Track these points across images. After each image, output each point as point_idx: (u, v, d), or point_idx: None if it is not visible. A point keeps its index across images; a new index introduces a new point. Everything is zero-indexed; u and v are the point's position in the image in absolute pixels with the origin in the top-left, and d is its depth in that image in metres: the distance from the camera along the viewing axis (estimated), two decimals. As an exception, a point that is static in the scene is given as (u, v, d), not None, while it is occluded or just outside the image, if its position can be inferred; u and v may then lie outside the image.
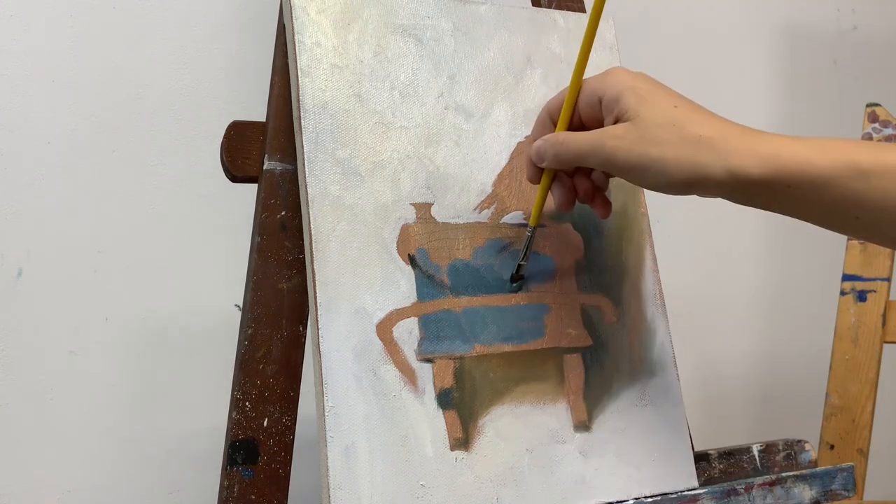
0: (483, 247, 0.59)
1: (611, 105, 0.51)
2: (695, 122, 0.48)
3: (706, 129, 0.48)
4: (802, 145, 0.47)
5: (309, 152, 0.55)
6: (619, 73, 0.52)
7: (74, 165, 0.79)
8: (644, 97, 0.50)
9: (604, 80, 0.52)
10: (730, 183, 0.47)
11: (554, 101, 0.55)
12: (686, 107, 0.49)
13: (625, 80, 0.51)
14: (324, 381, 0.51)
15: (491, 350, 0.57)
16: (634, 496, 0.58)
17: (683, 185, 0.48)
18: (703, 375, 1.17)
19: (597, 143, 0.50)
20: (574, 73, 0.53)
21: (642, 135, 0.49)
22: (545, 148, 0.54)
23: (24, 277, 0.77)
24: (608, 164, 0.51)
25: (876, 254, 0.98)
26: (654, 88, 0.51)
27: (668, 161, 0.48)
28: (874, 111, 1.03)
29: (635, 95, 0.50)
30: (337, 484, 0.50)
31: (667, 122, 0.48)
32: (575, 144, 0.52)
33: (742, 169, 0.47)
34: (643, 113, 0.49)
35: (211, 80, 0.84)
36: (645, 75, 0.52)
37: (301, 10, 0.56)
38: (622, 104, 0.50)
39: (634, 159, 0.49)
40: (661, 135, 0.48)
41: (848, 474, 0.65)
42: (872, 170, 0.45)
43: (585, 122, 0.54)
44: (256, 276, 0.54)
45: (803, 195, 0.47)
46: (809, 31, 1.25)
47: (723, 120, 0.49)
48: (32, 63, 0.77)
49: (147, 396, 0.81)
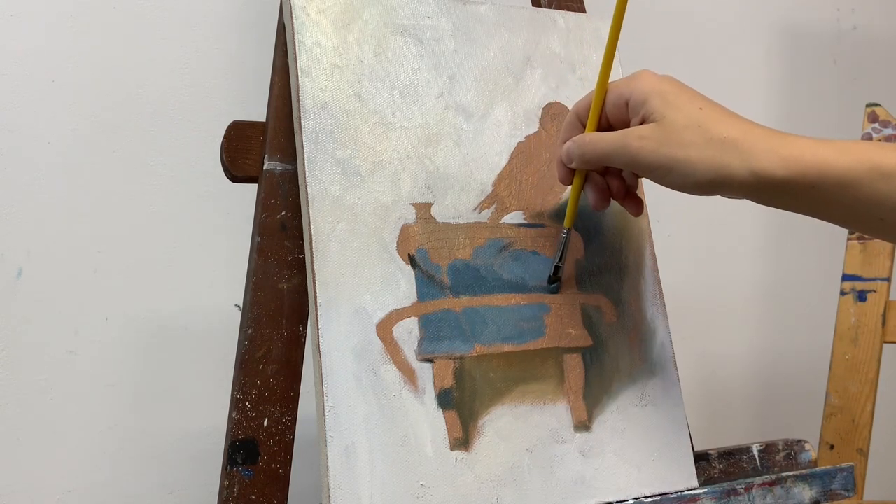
0: (483, 247, 0.59)
1: (637, 107, 0.52)
2: (720, 124, 0.49)
3: (731, 131, 0.49)
4: (826, 147, 0.47)
5: (309, 152, 0.55)
6: (646, 75, 0.53)
7: (74, 165, 0.79)
8: (669, 100, 0.51)
9: (630, 83, 0.53)
10: (753, 184, 0.48)
11: (582, 103, 0.56)
12: (711, 109, 0.50)
13: (651, 83, 0.52)
14: (324, 381, 0.51)
15: (491, 350, 0.57)
16: (634, 496, 0.58)
17: (707, 186, 0.49)
18: (703, 375, 1.18)
19: (622, 144, 0.52)
20: (600, 75, 0.54)
21: (668, 136, 0.50)
22: (573, 149, 0.55)
23: (24, 277, 0.77)
24: (633, 163, 0.52)
25: (876, 254, 0.98)
26: (679, 91, 0.51)
27: (693, 162, 0.49)
28: (874, 111, 1.03)
29: (661, 98, 0.51)
30: (337, 484, 0.50)
31: (692, 123, 0.49)
32: (601, 145, 0.53)
33: (766, 170, 0.47)
34: (669, 115, 0.50)
35: (211, 80, 0.84)
36: (671, 78, 0.53)
37: (301, 10, 0.56)
38: (648, 106, 0.51)
39: (659, 159, 0.50)
40: (687, 136, 0.49)
41: (848, 474, 0.65)
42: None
43: (612, 124, 0.55)
44: (256, 276, 0.54)
45: (826, 196, 0.47)
46: (809, 31, 1.25)
47: (747, 121, 0.50)
48: (32, 63, 0.77)
49: (147, 396, 0.81)
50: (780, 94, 1.24)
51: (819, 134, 0.50)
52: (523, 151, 0.62)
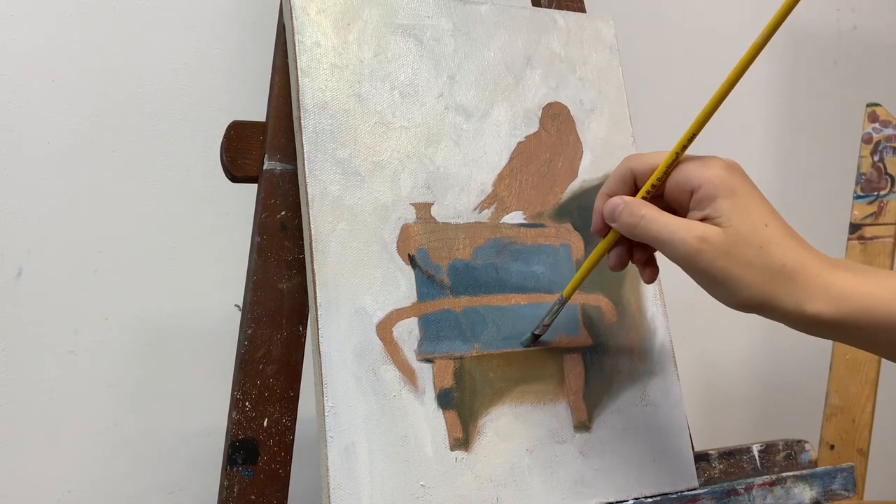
0: (483, 247, 0.59)
1: (703, 202, 0.49)
2: (779, 248, 0.48)
3: (788, 259, 0.47)
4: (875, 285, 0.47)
5: (309, 152, 0.55)
6: (717, 166, 0.49)
7: (74, 165, 0.79)
8: (741, 205, 0.48)
9: (702, 170, 0.49)
10: (799, 319, 0.47)
11: (641, 163, 0.52)
12: (774, 227, 0.48)
13: (723, 179, 0.49)
14: (324, 381, 0.51)
15: (491, 350, 0.57)
16: (634, 496, 0.58)
17: (749, 308, 0.48)
18: (703, 375, 1.18)
19: (680, 238, 0.48)
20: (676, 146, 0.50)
21: (729, 249, 0.47)
22: (623, 216, 0.51)
23: (24, 277, 0.77)
24: (684, 264, 0.49)
25: (876, 254, 0.98)
26: (750, 195, 0.49)
27: (746, 285, 0.47)
28: (874, 111, 1.03)
29: (732, 201, 0.48)
30: (337, 484, 0.50)
31: (755, 242, 0.47)
32: (655, 228, 0.49)
33: (814, 310, 0.47)
34: (735, 224, 0.48)
35: (211, 80, 0.84)
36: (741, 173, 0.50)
37: (301, 10, 0.56)
38: (717, 207, 0.48)
39: (714, 271, 0.48)
40: (748, 255, 0.47)
41: (848, 474, 0.65)
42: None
43: (668, 199, 0.52)
44: (256, 276, 0.54)
45: (871, 337, 0.47)
46: (809, 31, 1.25)
47: (805, 248, 0.48)
48: (32, 63, 0.77)
49: (147, 396, 0.81)
50: (780, 94, 1.24)
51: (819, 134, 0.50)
52: (523, 151, 0.62)
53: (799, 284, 0.47)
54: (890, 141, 1.01)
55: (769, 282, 0.47)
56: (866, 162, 1.02)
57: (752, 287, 0.47)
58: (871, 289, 0.47)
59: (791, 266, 0.47)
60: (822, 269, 0.47)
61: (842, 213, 1.06)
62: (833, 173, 1.22)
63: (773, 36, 0.47)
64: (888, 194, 1.00)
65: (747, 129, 1.21)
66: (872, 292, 0.47)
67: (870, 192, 1.01)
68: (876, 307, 0.46)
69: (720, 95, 0.49)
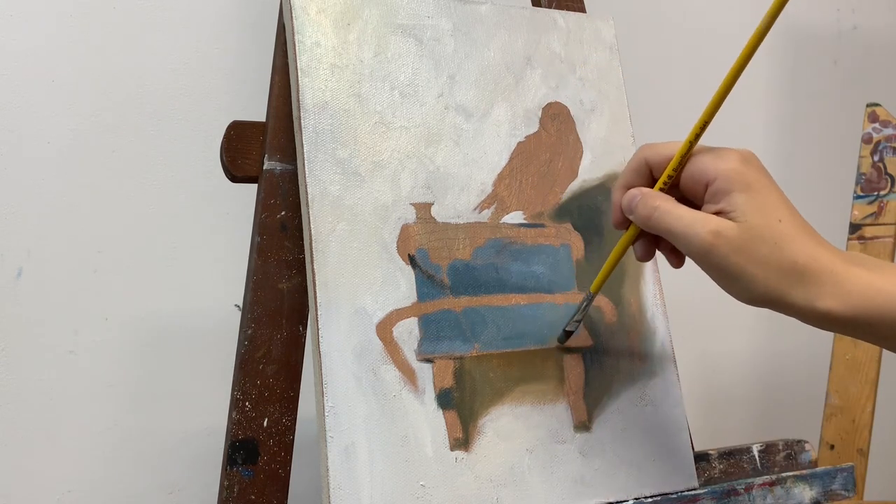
0: (483, 247, 0.59)
1: (718, 195, 0.49)
2: (793, 244, 0.47)
3: (801, 256, 0.47)
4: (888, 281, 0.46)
5: (309, 152, 0.55)
6: (733, 158, 0.49)
7: (74, 165, 0.79)
8: (757, 200, 0.48)
9: (717, 162, 0.49)
10: (811, 316, 0.47)
11: (655, 153, 0.52)
12: (789, 222, 0.48)
13: (739, 172, 0.49)
14: (324, 381, 0.51)
15: (491, 350, 0.57)
16: (634, 496, 0.58)
17: (761, 303, 0.48)
18: (703, 375, 1.18)
19: (694, 232, 0.48)
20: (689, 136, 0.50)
21: (744, 244, 0.47)
22: (639, 208, 0.51)
23: (24, 277, 0.77)
24: (698, 257, 0.49)
25: (876, 254, 0.98)
26: (766, 189, 0.49)
27: (759, 280, 0.47)
28: (874, 111, 1.03)
29: (747, 195, 0.48)
30: (337, 484, 0.50)
31: (770, 238, 0.47)
32: (669, 220, 0.49)
33: (825, 307, 0.47)
34: (750, 220, 0.47)
35: (211, 80, 0.84)
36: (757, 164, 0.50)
37: (301, 9, 0.56)
38: (732, 201, 0.48)
39: (728, 266, 0.48)
40: (762, 251, 0.47)
41: (848, 474, 0.65)
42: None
43: (683, 190, 0.52)
44: (256, 276, 0.54)
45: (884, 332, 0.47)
46: (809, 31, 1.25)
47: (819, 244, 0.48)
48: (32, 63, 0.77)
49: (147, 396, 0.81)
50: (780, 94, 1.24)
51: (819, 134, 0.50)
52: (523, 151, 0.62)
53: (811, 281, 0.47)
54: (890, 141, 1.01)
55: (782, 279, 0.47)
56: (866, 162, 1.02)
57: (764, 284, 0.47)
58: (883, 285, 0.47)
59: (803, 263, 0.47)
60: (834, 266, 0.47)
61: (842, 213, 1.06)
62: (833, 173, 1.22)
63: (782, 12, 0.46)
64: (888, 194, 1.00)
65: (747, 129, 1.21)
66: (885, 288, 0.46)
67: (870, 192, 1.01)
68: (887, 303, 0.46)
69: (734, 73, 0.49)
